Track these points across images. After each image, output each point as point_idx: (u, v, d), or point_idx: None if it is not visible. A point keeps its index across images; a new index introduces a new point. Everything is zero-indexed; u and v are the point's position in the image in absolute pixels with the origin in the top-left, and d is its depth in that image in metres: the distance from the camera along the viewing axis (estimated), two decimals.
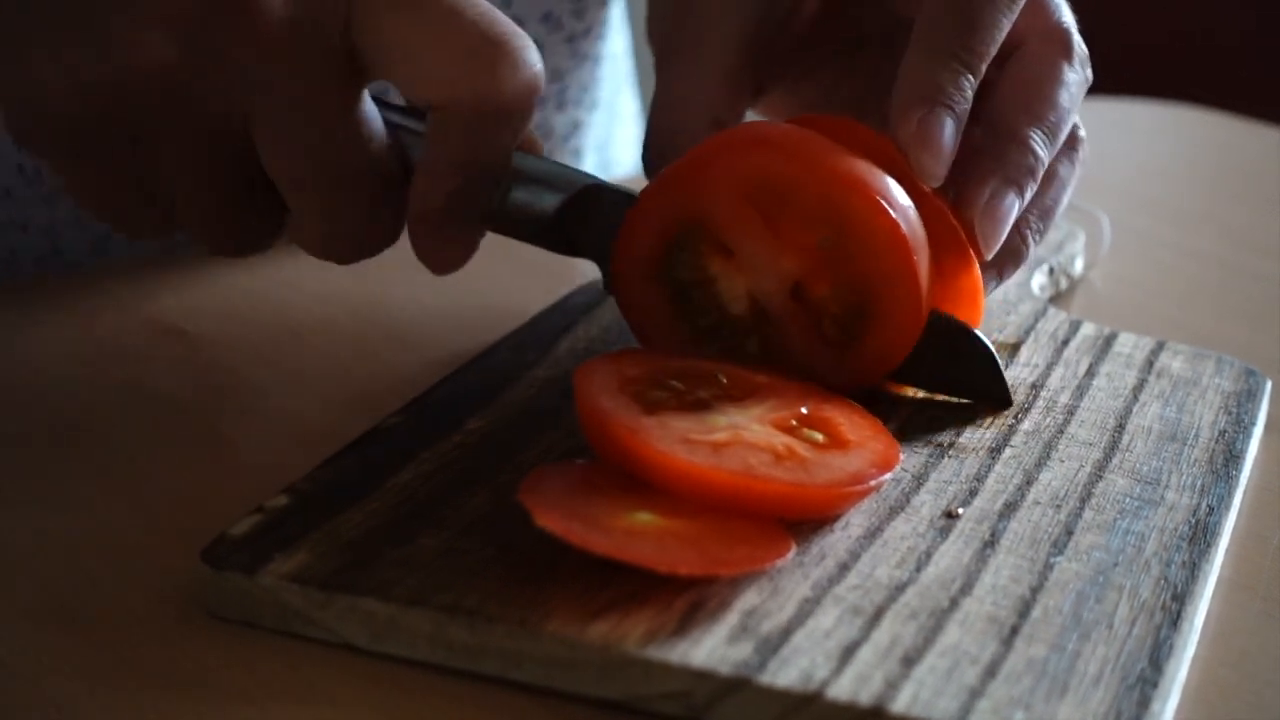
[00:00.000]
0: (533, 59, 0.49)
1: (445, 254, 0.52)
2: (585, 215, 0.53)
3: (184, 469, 0.53)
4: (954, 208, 0.55)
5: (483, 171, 0.50)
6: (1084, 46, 0.58)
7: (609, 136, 0.90)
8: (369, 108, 0.50)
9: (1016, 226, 0.56)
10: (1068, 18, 0.58)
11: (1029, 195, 0.55)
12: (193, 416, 0.56)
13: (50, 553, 0.48)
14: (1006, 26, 0.55)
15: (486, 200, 0.51)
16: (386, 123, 0.50)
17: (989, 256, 0.55)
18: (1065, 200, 0.59)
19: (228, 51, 0.47)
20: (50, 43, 0.47)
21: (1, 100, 0.49)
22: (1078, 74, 0.57)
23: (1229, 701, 0.44)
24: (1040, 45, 0.57)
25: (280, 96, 0.48)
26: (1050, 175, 0.57)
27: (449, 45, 0.48)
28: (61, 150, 0.49)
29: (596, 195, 0.53)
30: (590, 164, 0.88)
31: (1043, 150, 0.55)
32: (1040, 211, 0.57)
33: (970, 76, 0.54)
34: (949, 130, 0.53)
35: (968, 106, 0.54)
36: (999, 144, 0.55)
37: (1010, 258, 0.57)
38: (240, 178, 0.49)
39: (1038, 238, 0.57)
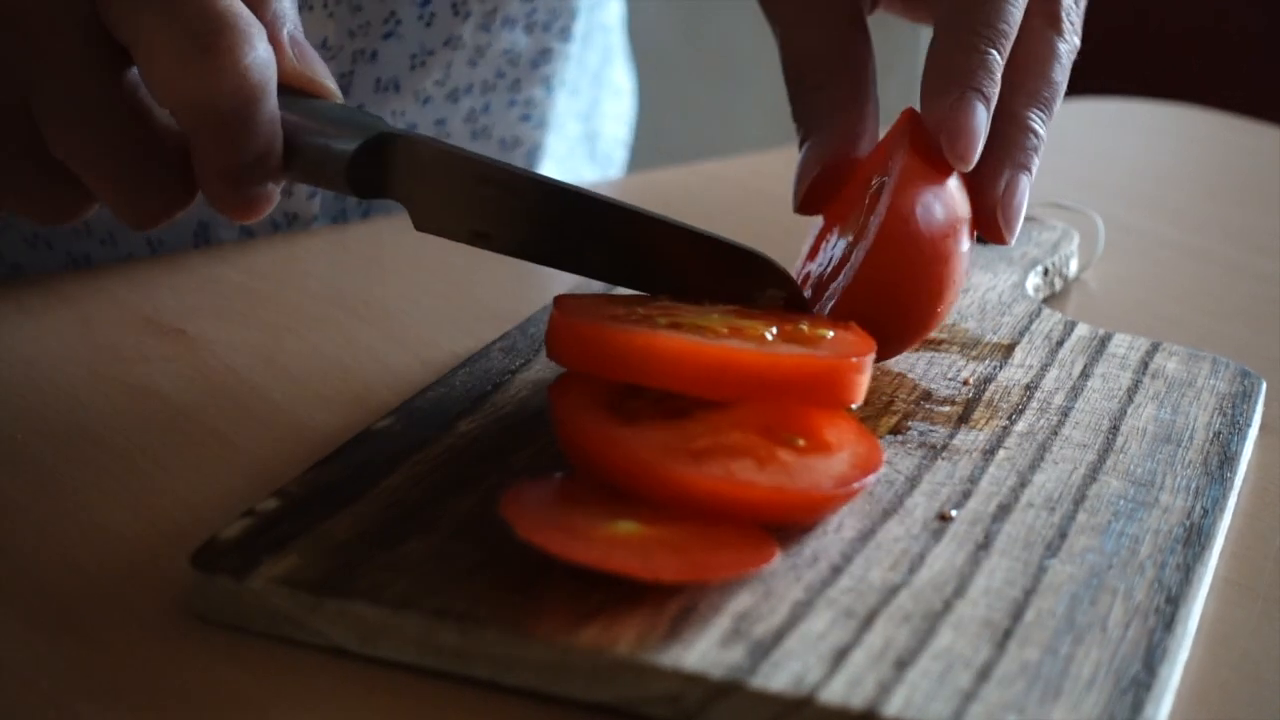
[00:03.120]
0: (243, 56, 0.48)
1: (240, 209, 0.51)
2: (384, 161, 0.52)
3: (183, 469, 0.53)
4: (970, 190, 0.55)
5: (239, 153, 0.49)
6: (1073, 11, 0.59)
7: (595, 103, 0.90)
8: (139, 81, 0.49)
9: (1022, 127, 0.56)
10: None
11: (1035, 168, 0.56)
12: (192, 416, 0.56)
13: (49, 553, 0.48)
14: (1024, 4, 0.56)
15: (259, 170, 0.50)
16: None
17: (1011, 242, 0.56)
18: (1064, 81, 0.59)
19: None
20: None
21: None
22: (1068, 44, 0.58)
23: (1229, 702, 0.44)
24: (1032, 20, 0.57)
25: (50, 77, 0.48)
26: (1042, 76, 0.58)
27: (163, 46, 0.48)
28: None
29: (391, 141, 0.52)
30: (575, 132, 0.88)
31: (1041, 127, 0.56)
32: (1039, 107, 0.57)
33: (997, 55, 0.55)
34: (980, 115, 0.54)
35: (997, 89, 0.55)
36: (1001, 127, 0.56)
37: (1033, 152, 0.57)
38: (34, 155, 0.50)
39: (1044, 123, 0.57)
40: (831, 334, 0.50)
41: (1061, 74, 0.58)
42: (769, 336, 0.49)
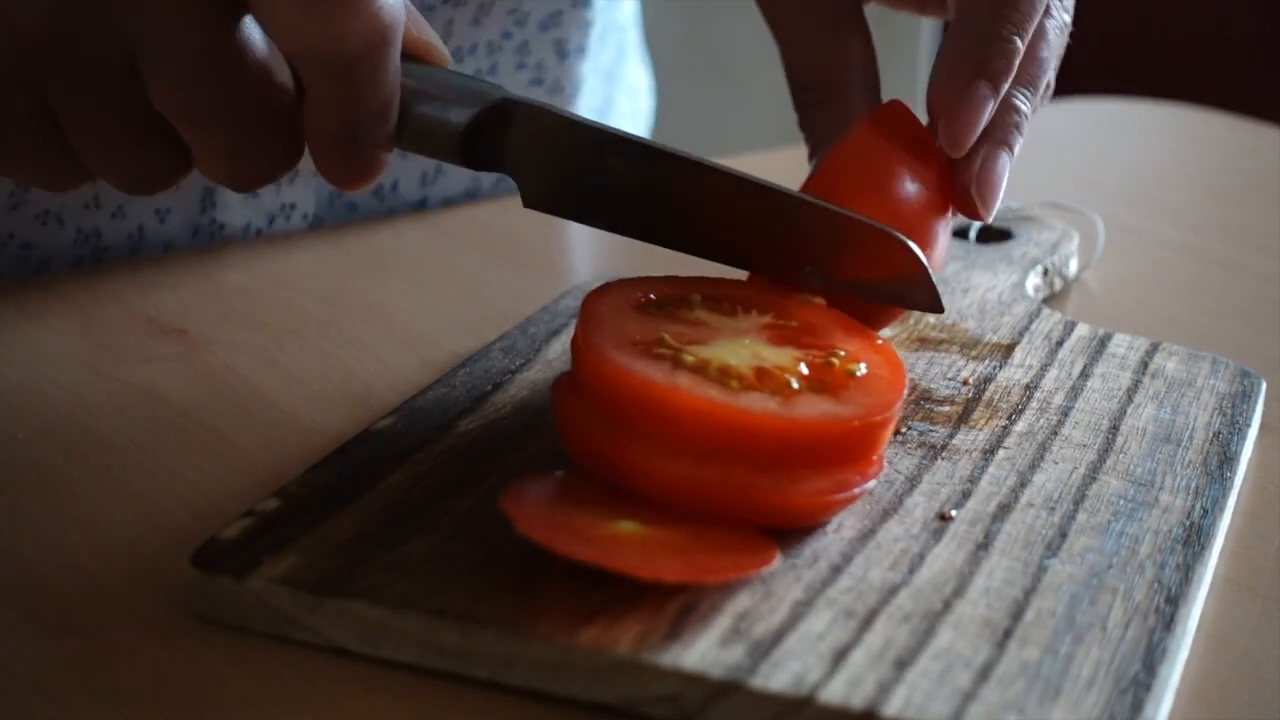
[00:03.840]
0: (374, 3, 0.47)
1: (348, 174, 0.50)
2: (499, 130, 0.51)
3: (184, 469, 0.53)
4: (949, 167, 0.55)
5: (360, 107, 0.49)
6: None
7: (610, 101, 0.89)
8: (252, 34, 0.48)
9: (1007, 100, 0.56)
10: None
11: (1017, 147, 0.56)
12: (193, 416, 0.56)
13: (49, 552, 0.48)
14: None
15: (377, 129, 0.49)
16: None
17: (988, 218, 0.56)
18: (1055, 66, 0.58)
19: None
20: None
21: None
22: (1056, 20, 0.57)
23: (1229, 701, 0.44)
24: None
25: (158, 32, 0.47)
26: (1029, 58, 0.57)
27: None
28: None
29: (508, 109, 0.51)
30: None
31: (1026, 105, 0.56)
32: (1025, 80, 0.57)
33: (1019, 43, 0.54)
34: (986, 107, 0.54)
35: (1009, 80, 0.55)
36: (976, 47, 0.55)
37: (1014, 129, 0.56)
38: (137, 116, 0.49)
39: (1031, 104, 0.57)
40: (864, 369, 0.49)
41: (1049, 51, 0.57)
42: (794, 384, 0.47)
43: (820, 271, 0.53)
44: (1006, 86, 0.55)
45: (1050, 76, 0.58)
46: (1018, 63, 0.55)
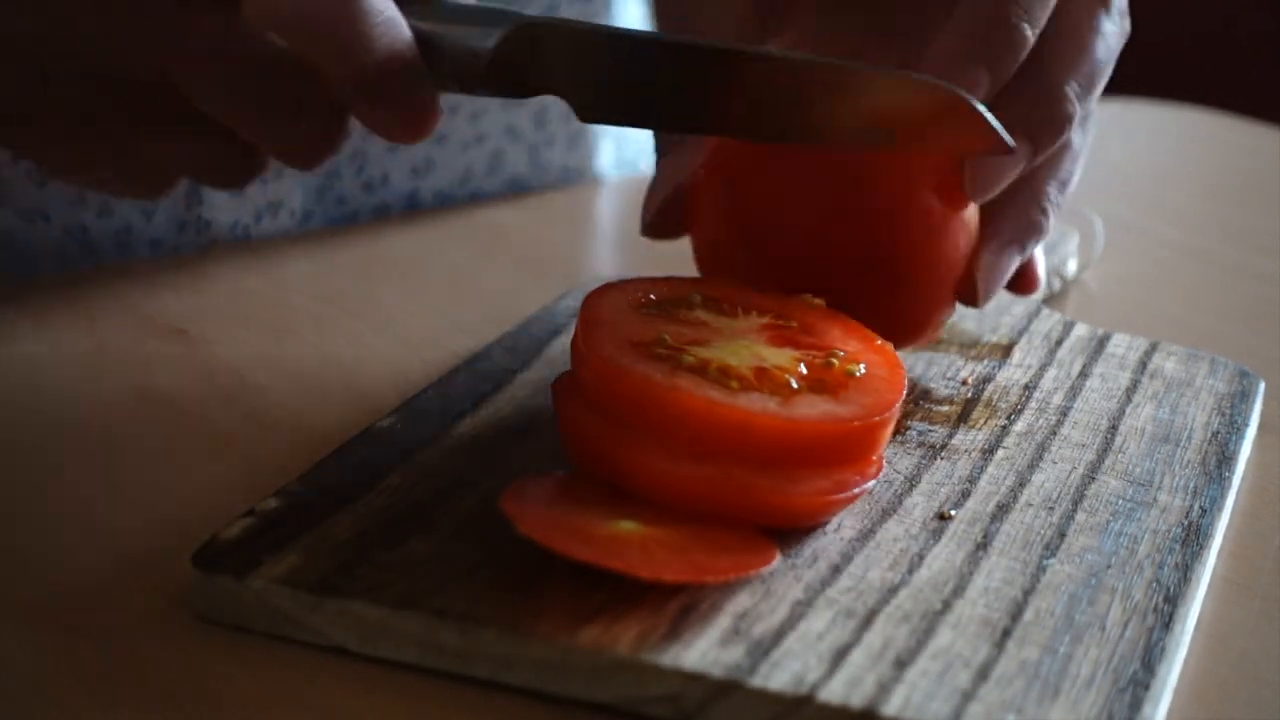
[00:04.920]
0: None
1: (394, 125, 0.50)
2: (530, 53, 0.50)
3: (184, 469, 0.53)
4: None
5: (358, 58, 0.48)
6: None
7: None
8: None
9: (1036, 199, 0.55)
10: None
11: (1033, 248, 0.55)
12: (193, 416, 0.56)
13: (50, 553, 0.48)
14: None
15: (400, 73, 0.49)
16: None
17: (981, 308, 0.55)
18: (1079, 170, 0.57)
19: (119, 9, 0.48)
20: None
21: None
22: (1115, 24, 0.56)
23: (1228, 701, 0.44)
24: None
25: (168, 39, 0.48)
26: (1064, 145, 0.56)
27: None
28: (31, 139, 0.51)
29: (531, 30, 0.50)
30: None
31: (1078, 105, 0.54)
32: (1058, 182, 0.56)
33: (1030, 30, 0.52)
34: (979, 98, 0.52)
35: (1010, 68, 0.52)
36: (1035, 96, 0.53)
37: (1032, 231, 0.55)
38: (199, 124, 0.50)
39: (1057, 209, 0.56)
40: (863, 369, 0.49)
41: (1106, 53, 0.55)
42: (794, 384, 0.47)
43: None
44: (1007, 76, 0.52)
45: (1105, 79, 0.56)
46: (1022, 53, 0.52)
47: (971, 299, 0.55)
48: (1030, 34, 0.52)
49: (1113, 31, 0.56)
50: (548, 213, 0.77)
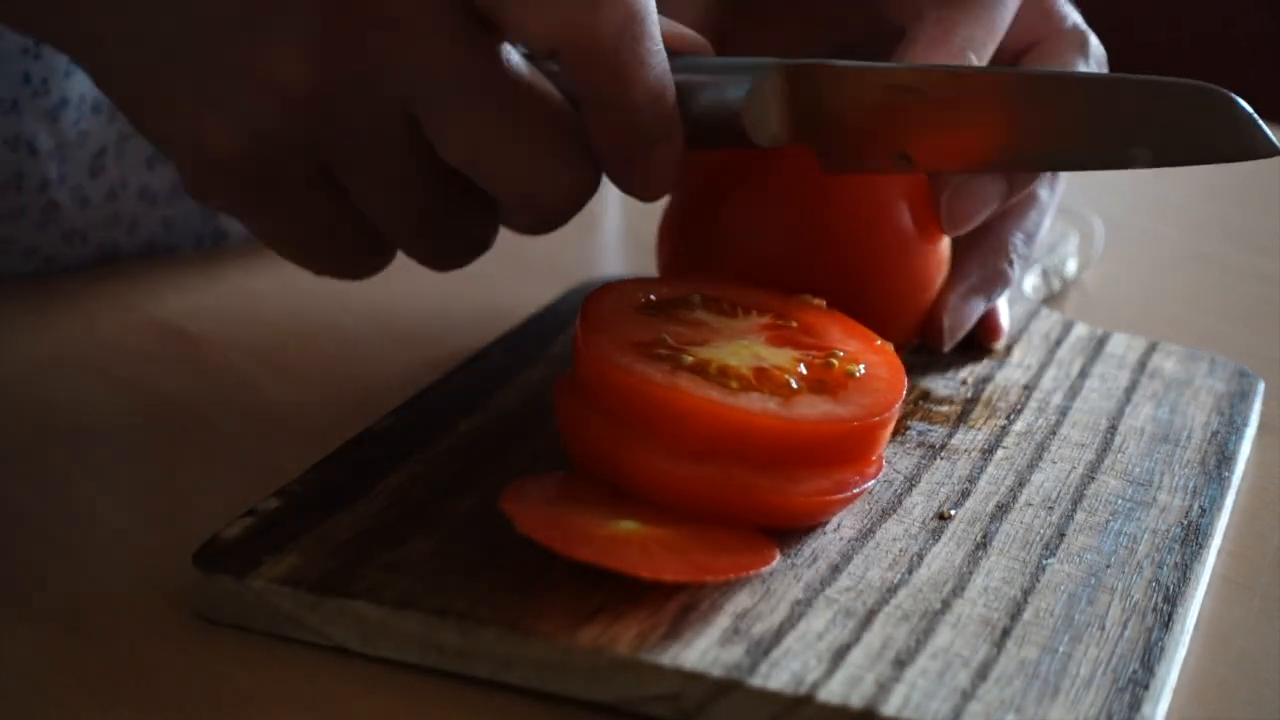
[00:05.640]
0: None
1: (644, 182, 0.49)
2: (783, 102, 0.50)
3: (185, 469, 0.53)
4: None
5: (634, 91, 0.47)
6: (1100, 47, 0.58)
7: None
8: (513, 55, 0.47)
9: (1003, 249, 0.57)
10: (1082, 22, 0.58)
11: (998, 297, 0.57)
12: (194, 416, 0.56)
13: (50, 553, 0.48)
14: (1014, 8, 0.54)
15: (659, 118, 0.48)
16: (545, 71, 0.49)
17: (945, 349, 0.57)
18: (1046, 223, 0.59)
19: (363, 47, 0.45)
20: (200, 90, 0.46)
21: (174, 161, 0.49)
22: (1093, 72, 0.56)
23: (1228, 700, 0.44)
24: (1055, 42, 0.56)
25: (431, 75, 0.46)
26: (1031, 197, 0.57)
27: None
28: (242, 201, 0.49)
29: (785, 73, 0.50)
30: None
31: (1026, 250, 0.56)
32: (1024, 234, 0.57)
33: (976, 59, 0.53)
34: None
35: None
36: (921, 55, 0.53)
37: (998, 279, 0.57)
38: (429, 175, 0.48)
39: (1023, 261, 0.58)
40: (863, 369, 0.49)
41: (1048, 196, 0.57)
42: (794, 384, 0.47)
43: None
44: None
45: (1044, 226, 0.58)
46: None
47: (937, 341, 0.56)
48: (975, 61, 0.53)
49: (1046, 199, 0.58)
50: None
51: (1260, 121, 0.49)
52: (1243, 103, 0.49)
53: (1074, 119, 0.50)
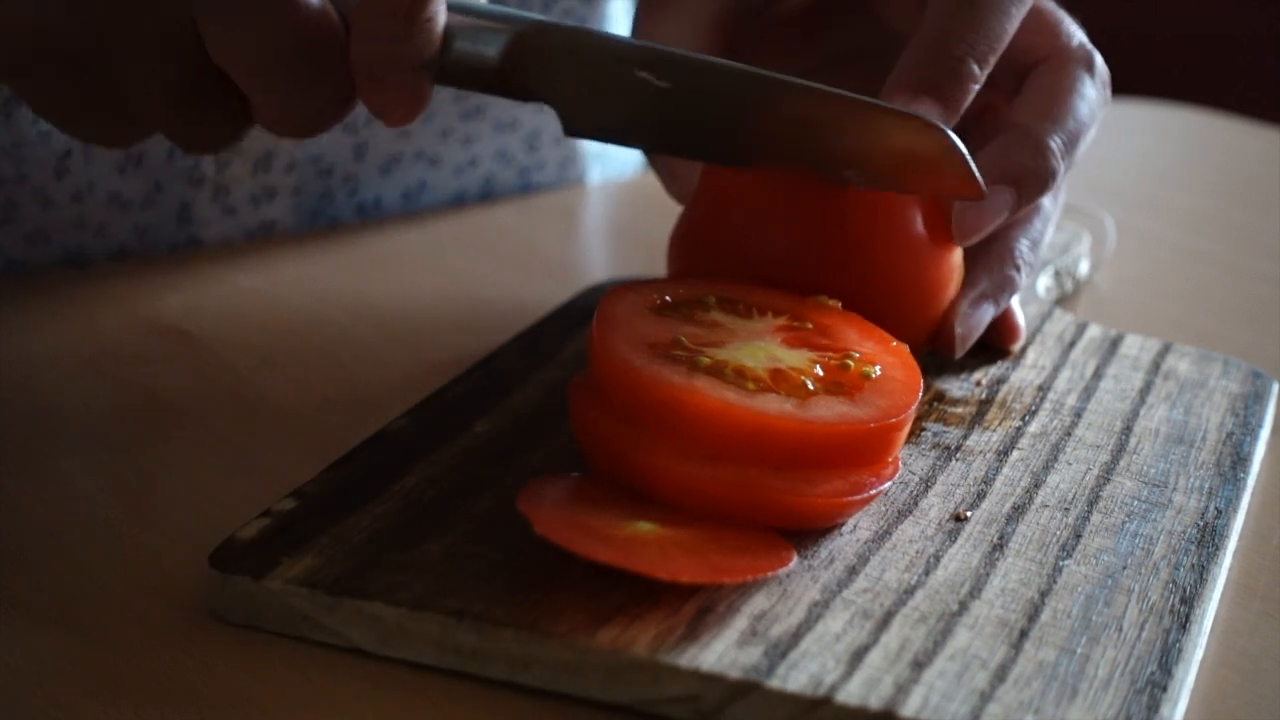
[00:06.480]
0: None
1: (394, 109, 0.50)
2: (534, 59, 0.51)
3: (186, 470, 0.53)
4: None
5: (404, 26, 0.49)
6: (1105, 67, 0.58)
7: None
8: None
9: (1010, 256, 0.57)
10: (1087, 41, 0.59)
11: (1007, 302, 0.57)
12: (194, 417, 0.56)
13: (52, 554, 0.48)
14: (1018, 19, 0.55)
15: (421, 52, 0.49)
16: None
17: (957, 357, 0.57)
18: (1050, 230, 0.59)
19: None
20: None
21: None
22: (1097, 90, 0.57)
23: (1228, 701, 0.44)
24: (1060, 60, 0.57)
25: None
26: (1036, 206, 0.58)
27: None
28: (21, 74, 0.50)
29: (540, 36, 0.51)
30: None
31: (1060, 160, 0.55)
32: (1030, 241, 0.58)
33: (976, 67, 0.53)
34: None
35: (961, 101, 0.53)
36: (1020, 147, 0.55)
37: (1006, 285, 0.57)
38: (195, 74, 0.49)
39: (1030, 267, 0.58)
40: (879, 370, 0.49)
41: (1089, 115, 0.57)
42: (810, 385, 0.47)
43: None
44: (959, 109, 0.53)
45: (1088, 139, 0.57)
46: (973, 87, 0.53)
47: (948, 349, 0.56)
48: (976, 70, 0.53)
49: (1094, 96, 0.57)
50: (547, 213, 0.77)
51: (971, 163, 0.51)
52: (959, 143, 0.51)
53: (795, 127, 0.51)
